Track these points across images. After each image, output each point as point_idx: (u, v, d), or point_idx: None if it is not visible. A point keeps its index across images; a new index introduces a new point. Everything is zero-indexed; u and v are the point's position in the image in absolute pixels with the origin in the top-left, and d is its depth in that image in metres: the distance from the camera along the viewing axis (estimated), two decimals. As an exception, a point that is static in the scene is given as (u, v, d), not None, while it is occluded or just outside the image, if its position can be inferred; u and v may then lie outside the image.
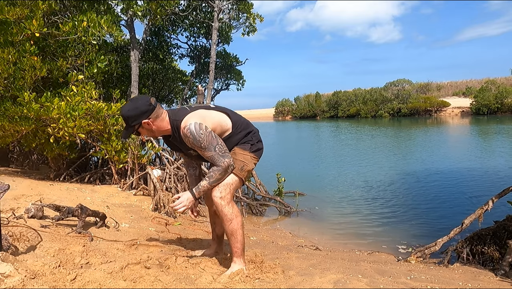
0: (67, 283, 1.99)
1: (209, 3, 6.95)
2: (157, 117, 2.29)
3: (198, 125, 2.23)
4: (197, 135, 2.21)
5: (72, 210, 3.03)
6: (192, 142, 2.24)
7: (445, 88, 62.84)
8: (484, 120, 34.24)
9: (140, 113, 2.24)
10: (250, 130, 2.50)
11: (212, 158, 2.26)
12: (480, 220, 3.58)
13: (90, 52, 5.37)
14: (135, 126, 2.28)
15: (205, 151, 2.25)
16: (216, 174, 2.27)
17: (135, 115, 2.24)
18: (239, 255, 2.40)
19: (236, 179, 2.38)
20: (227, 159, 2.27)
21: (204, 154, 2.28)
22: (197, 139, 2.22)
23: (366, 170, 10.65)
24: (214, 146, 2.25)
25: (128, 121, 2.27)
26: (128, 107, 2.27)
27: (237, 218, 2.36)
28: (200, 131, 2.22)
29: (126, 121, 2.28)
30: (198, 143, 2.23)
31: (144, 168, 5.54)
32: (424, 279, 2.63)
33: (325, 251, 4.05)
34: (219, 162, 2.26)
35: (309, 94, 66.13)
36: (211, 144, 2.24)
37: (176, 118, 2.30)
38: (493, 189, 6.89)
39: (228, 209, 2.32)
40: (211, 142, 2.24)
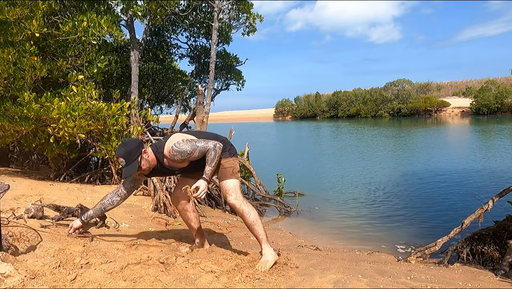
0: (67, 283, 1.99)
1: (209, 3, 6.95)
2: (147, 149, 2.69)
3: (177, 143, 2.66)
4: (180, 148, 2.64)
5: (72, 210, 3.04)
6: (181, 156, 2.65)
7: (445, 88, 62.86)
8: (484, 120, 34.24)
9: (138, 145, 2.63)
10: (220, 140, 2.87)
11: (200, 151, 2.66)
12: (480, 220, 3.58)
13: (90, 52, 5.37)
14: (137, 158, 2.60)
15: (194, 153, 2.65)
16: (211, 156, 2.64)
17: (135, 147, 2.60)
18: (266, 241, 2.73)
19: (236, 181, 2.79)
20: (210, 143, 2.66)
21: (194, 156, 2.66)
22: (183, 150, 2.64)
23: (366, 170, 10.65)
24: (196, 142, 2.67)
25: (131, 156, 2.58)
26: (125, 146, 2.62)
27: (253, 210, 2.76)
28: (181, 145, 2.65)
29: (129, 155, 2.58)
30: (185, 153, 2.64)
31: (144, 168, 5.53)
32: (424, 279, 2.63)
33: (325, 251, 4.05)
34: (206, 148, 2.65)
35: (309, 94, 66.15)
36: (193, 146, 2.65)
37: (159, 150, 2.71)
38: (493, 189, 6.89)
39: (244, 206, 2.71)
40: (192, 145, 2.65)
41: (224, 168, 2.79)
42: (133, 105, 5.61)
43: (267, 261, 2.60)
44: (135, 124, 5.49)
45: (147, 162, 2.67)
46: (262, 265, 2.56)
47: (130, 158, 2.58)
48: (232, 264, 2.63)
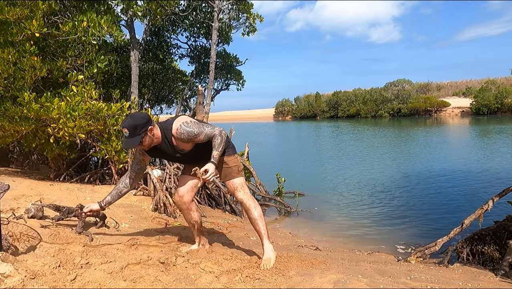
0: (67, 283, 1.99)
1: (209, 3, 6.95)
2: (154, 126, 2.67)
3: (184, 123, 2.67)
4: (188, 127, 2.65)
5: (72, 210, 3.03)
6: (188, 135, 2.65)
7: (445, 88, 62.86)
8: (484, 121, 34.25)
9: (146, 121, 2.59)
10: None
11: (206, 135, 2.68)
12: (480, 220, 3.58)
13: (90, 52, 5.37)
14: (142, 134, 2.57)
15: (199, 136, 2.67)
16: (217, 141, 2.66)
17: (143, 123, 2.57)
18: (267, 237, 2.80)
19: (241, 178, 2.88)
20: (216, 128, 2.71)
21: (200, 138, 2.68)
22: (190, 131, 2.65)
23: (366, 170, 10.65)
24: (203, 126, 2.69)
25: (136, 130, 2.55)
26: (134, 118, 2.60)
27: (258, 206, 2.86)
28: (189, 125, 2.67)
29: (134, 129, 2.55)
30: (192, 133, 2.65)
31: (144, 168, 5.53)
32: (424, 279, 2.63)
33: (325, 251, 4.05)
34: (212, 132, 2.68)
35: (309, 94, 66.15)
36: (200, 127, 2.67)
37: (167, 127, 2.70)
38: (493, 189, 6.89)
39: (251, 201, 2.83)
40: (199, 127, 2.67)
41: (230, 166, 2.85)
42: (133, 105, 5.61)
43: (270, 259, 2.66)
44: (135, 124, 5.48)
45: (150, 139, 2.65)
46: (266, 263, 2.61)
47: (134, 132, 2.55)
48: (232, 264, 2.63)
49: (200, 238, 3.10)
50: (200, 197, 5.93)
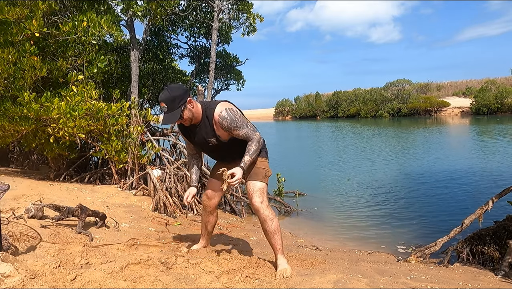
0: (67, 283, 1.99)
1: (209, 3, 6.95)
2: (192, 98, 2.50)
3: (230, 109, 2.54)
4: (233, 116, 2.52)
5: (72, 210, 3.03)
6: (230, 123, 2.51)
7: (445, 88, 62.83)
8: (484, 120, 34.24)
9: (185, 91, 2.45)
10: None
11: (246, 134, 2.55)
12: (480, 220, 3.58)
13: (90, 52, 5.37)
14: (181, 106, 2.42)
15: (239, 130, 2.53)
16: (253, 147, 2.54)
17: (181, 94, 2.42)
18: (282, 252, 2.64)
19: (265, 185, 2.68)
20: (257, 133, 2.60)
21: (239, 133, 2.55)
22: (234, 120, 2.51)
23: (366, 170, 10.65)
24: (246, 123, 2.56)
25: (175, 102, 2.40)
26: (171, 89, 2.44)
27: (276, 218, 2.65)
28: (234, 113, 2.54)
29: (172, 102, 2.40)
30: (234, 123, 2.51)
31: (144, 168, 5.54)
32: (424, 279, 2.63)
33: (325, 251, 4.05)
34: (252, 136, 2.56)
35: (309, 94, 66.13)
36: (244, 122, 2.55)
37: (210, 107, 2.55)
38: (493, 189, 6.89)
39: (269, 211, 2.60)
40: (243, 121, 2.55)
41: (258, 167, 2.67)
42: (133, 105, 5.61)
43: (286, 269, 2.52)
44: (135, 124, 5.49)
45: (190, 112, 2.49)
46: (283, 272, 2.48)
47: (173, 105, 2.40)
48: (232, 264, 2.63)
49: (205, 240, 3.07)
50: (200, 196, 5.92)
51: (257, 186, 2.61)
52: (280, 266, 2.58)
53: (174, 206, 4.73)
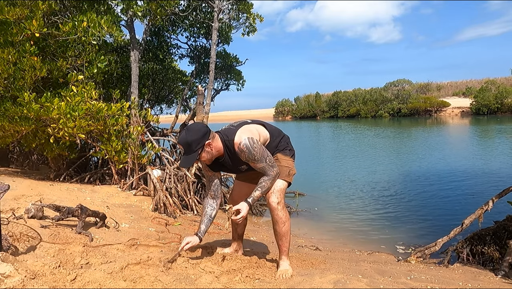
0: (67, 283, 1.99)
1: (209, 3, 6.94)
2: (213, 138, 2.44)
3: (251, 140, 2.42)
4: (252, 148, 2.41)
5: (72, 210, 3.03)
6: (248, 156, 2.42)
7: (445, 88, 62.87)
8: (484, 120, 34.24)
9: (202, 135, 2.37)
10: (283, 136, 2.74)
11: (263, 169, 2.47)
12: (480, 220, 3.58)
13: (90, 52, 5.37)
14: (198, 150, 2.37)
15: (257, 163, 2.45)
16: (268, 183, 2.47)
17: (198, 138, 2.35)
18: (287, 254, 2.63)
19: (285, 184, 2.60)
20: (275, 169, 2.50)
21: (256, 166, 2.47)
22: (252, 153, 2.41)
23: (366, 170, 10.65)
24: (265, 157, 2.46)
25: (191, 146, 2.35)
26: (189, 132, 2.37)
27: (288, 221, 2.60)
28: (254, 145, 2.42)
29: (189, 146, 2.35)
30: (253, 156, 2.42)
31: (144, 168, 5.54)
32: (424, 279, 2.63)
33: (325, 251, 4.05)
34: (269, 172, 2.47)
35: (309, 94, 66.18)
36: (262, 156, 2.44)
37: (228, 138, 2.47)
38: (493, 189, 6.89)
39: (283, 213, 2.55)
40: (262, 154, 2.45)
41: (282, 165, 2.59)
42: (133, 106, 5.61)
43: (287, 270, 2.53)
44: (135, 125, 5.49)
45: (208, 154, 2.44)
46: (284, 272, 2.49)
47: (190, 149, 2.36)
48: (232, 264, 2.63)
49: (237, 244, 3.03)
50: (200, 197, 5.93)
51: (278, 185, 2.54)
52: (282, 266, 2.58)
53: (174, 206, 4.73)
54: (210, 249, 3.10)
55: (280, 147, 2.68)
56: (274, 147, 2.65)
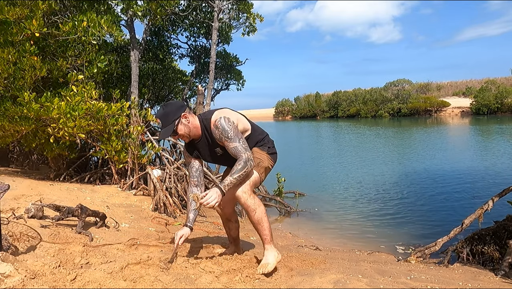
0: (67, 283, 1.99)
1: (209, 3, 6.94)
2: (190, 113, 2.50)
3: (226, 119, 2.45)
4: (226, 126, 2.42)
5: (72, 210, 3.03)
6: (221, 133, 2.43)
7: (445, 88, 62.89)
8: (484, 120, 34.25)
9: (179, 107, 2.46)
10: (266, 135, 2.74)
11: (235, 149, 2.42)
12: (480, 220, 3.58)
13: (90, 52, 5.37)
14: (175, 121, 2.43)
15: (230, 142, 2.42)
16: (238, 167, 2.38)
17: (175, 110, 2.44)
18: (269, 242, 2.55)
19: (255, 174, 2.55)
20: (248, 152, 2.42)
21: (229, 145, 2.44)
22: (226, 130, 2.41)
23: (366, 170, 10.65)
24: (239, 138, 2.44)
25: (168, 117, 2.42)
26: (165, 106, 2.49)
27: (260, 207, 2.52)
28: (229, 123, 2.43)
29: (166, 117, 2.44)
30: (226, 133, 2.41)
31: (144, 168, 5.54)
32: (424, 279, 2.63)
33: (325, 251, 4.05)
34: (241, 153, 2.40)
35: (309, 94, 66.20)
36: (236, 136, 2.43)
37: (206, 117, 2.51)
38: (493, 189, 6.89)
39: (251, 200, 2.48)
40: (236, 134, 2.44)
41: (254, 156, 2.55)
42: (133, 105, 5.61)
43: (268, 264, 2.46)
44: (135, 124, 5.49)
45: (185, 127, 2.47)
46: (263, 267, 2.45)
47: (167, 120, 2.41)
48: (232, 264, 2.63)
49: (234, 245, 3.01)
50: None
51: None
52: (264, 258, 2.51)
53: (174, 206, 4.73)
54: (210, 249, 3.11)
55: (260, 143, 2.68)
56: (253, 142, 2.64)
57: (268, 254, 2.53)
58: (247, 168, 2.39)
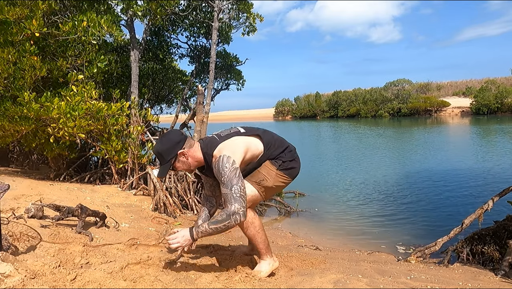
0: (67, 283, 1.99)
1: (209, 3, 6.94)
2: (190, 147, 2.30)
3: (226, 159, 2.19)
4: (221, 168, 2.18)
5: (72, 210, 3.03)
6: (216, 175, 2.22)
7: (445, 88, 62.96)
8: (484, 120, 34.25)
9: (174, 145, 2.25)
10: (285, 148, 2.47)
11: (225, 196, 2.18)
12: (480, 220, 3.58)
13: (90, 52, 5.37)
14: (171, 160, 2.26)
15: (223, 186, 2.20)
16: (218, 218, 2.16)
17: (170, 148, 2.25)
18: (264, 254, 2.44)
19: (254, 191, 2.36)
20: (237, 205, 2.14)
21: (221, 188, 2.22)
22: (220, 172, 2.18)
23: (366, 170, 10.65)
24: (233, 184, 2.16)
25: (163, 156, 2.25)
26: (161, 142, 2.29)
27: (253, 224, 2.35)
28: (226, 164, 2.17)
29: (161, 156, 2.26)
30: (220, 177, 2.19)
31: (144, 168, 5.54)
32: (424, 279, 2.63)
33: (325, 251, 4.05)
34: (228, 203, 2.15)
35: (309, 94, 66.28)
36: (230, 182, 2.16)
37: (208, 151, 2.30)
38: (493, 189, 6.89)
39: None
40: (231, 180, 2.16)
41: (259, 172, 2.38)
42: (133, 105, 5.61)
43: (260, 272, 2.42)
44: (135, 124, 5.49)
45: (184, 164, 2.32)
46: (255, 273, 2.42)
47: (163, 159, 2.26)
48: (232, 264, 2.63)
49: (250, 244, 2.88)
50: (200, 196, 5.92)
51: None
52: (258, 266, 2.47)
53: (174, 205, 4.73)
54: (211, 249, 3.11)
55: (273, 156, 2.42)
56: (267, 157, 2.42)
57: (262, 263, 2.46)
58: (228, 222, 2.14)
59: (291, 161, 2.45)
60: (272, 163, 2.40)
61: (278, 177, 2.40)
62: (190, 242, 2.27)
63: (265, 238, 2.43)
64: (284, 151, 2.45)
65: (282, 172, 2.40)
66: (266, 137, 2.44)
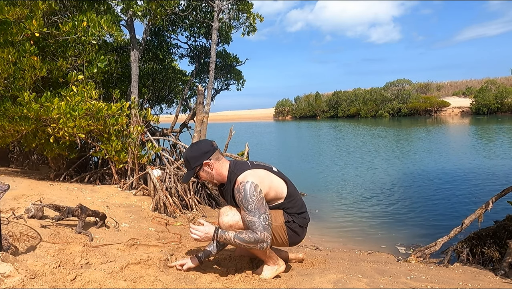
0: (67, 283, 1.99)
1: (209, 3, 6.94)
2: (217, 160, 2.31)
3: (253, 186, 2.16)
4: (248, 195, 2.14)
5: (72, 210, 3.03)
6: (241, 200, 2.17)
7: (445, 88, 62.99)
8: (484, 120, 34.25)
9: (202, 153, 2.28)
10: (303, 212, 2.43)
11: (252, 223, 2.14)
12: (480, 220, 3.58)
13: (90, 52, 5.37)
14: (196, 168, 2.29)
15: (248, 214, 2.14)
16: (247, 235, 2.14)
17: (197, 156, 2.28)
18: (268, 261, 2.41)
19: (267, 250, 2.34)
20: (266, 233, 2.13)
21: (245, 216, 2.17)
22: (247, 199, 2.14)
23: (366, 170, 10.65)
24: (261, 213, 2.14)
25: (190, 163, 2.29)
26: (190, 149, 2.35)
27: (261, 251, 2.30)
28: (254, 192, 2.15)
29: (188, 162, 2.31)
30: (246, 204, 2.14)
31: (144, 168, 5.54)
32: (424, 279, 2.63)
33: (325, 251, 4.05)
34: (257, 230, 2.13)
35: (309, 94, 66.30)
36: (257, 210, 2.13)
37: (235, 171, 2.28)
38: (494, 189, 6.89)
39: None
40: (259, 208, 2.14)
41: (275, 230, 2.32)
42: (133, 105, 5.61)
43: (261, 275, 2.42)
44: (135, 124, 5.49)
45: (207, 175, 2.33)
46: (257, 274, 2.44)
47: (188, 165, 2.31)
48: (232, 264, 2.63)
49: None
50: (200, 196, 5.93)
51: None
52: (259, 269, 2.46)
53: (174, 206, 4.73)
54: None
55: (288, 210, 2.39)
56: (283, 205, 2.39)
57: (265, 268, 2.42)
58: (254, 246, 2.14)
59: (300, 227, 2.40)
60: (283, 214, 2.36)
61: (279, 229, 2.35)
62: (209, 240, 2.27)
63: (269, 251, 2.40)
64: (301, 214, 2.42)
65: (287, 228, 2.35)
66: (291, 189, 2.42)
